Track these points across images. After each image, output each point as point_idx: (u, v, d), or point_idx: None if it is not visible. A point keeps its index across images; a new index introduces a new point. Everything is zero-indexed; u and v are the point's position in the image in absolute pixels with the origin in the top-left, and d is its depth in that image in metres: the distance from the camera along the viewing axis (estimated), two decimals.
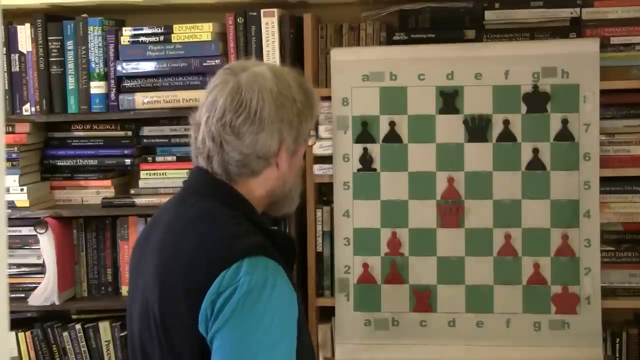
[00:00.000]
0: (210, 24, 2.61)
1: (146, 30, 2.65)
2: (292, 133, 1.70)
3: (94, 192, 2.75)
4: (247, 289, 1.55)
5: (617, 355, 2.59)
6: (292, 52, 2.61)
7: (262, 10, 2.59)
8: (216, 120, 1.66)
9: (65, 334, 2.73)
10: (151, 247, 1.72)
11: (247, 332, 1.55)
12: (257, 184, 1.72)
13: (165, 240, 1.69)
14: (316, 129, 2.54)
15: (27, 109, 2.69)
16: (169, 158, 2.71)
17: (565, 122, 2.51)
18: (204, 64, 2.61)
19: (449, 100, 2.54)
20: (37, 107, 2.68)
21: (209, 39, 2.61)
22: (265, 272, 1.58)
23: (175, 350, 1.63)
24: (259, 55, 2.58)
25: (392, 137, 2.57)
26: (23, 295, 2.69)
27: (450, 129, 2.55)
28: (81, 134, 2.76)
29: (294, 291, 1.64)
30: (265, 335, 1.56)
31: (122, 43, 2.65)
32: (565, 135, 2.52)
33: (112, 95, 2.66)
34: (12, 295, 2.64)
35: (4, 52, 2.66)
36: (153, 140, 2.73)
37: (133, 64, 2.64)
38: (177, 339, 1.62)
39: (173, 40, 2.63)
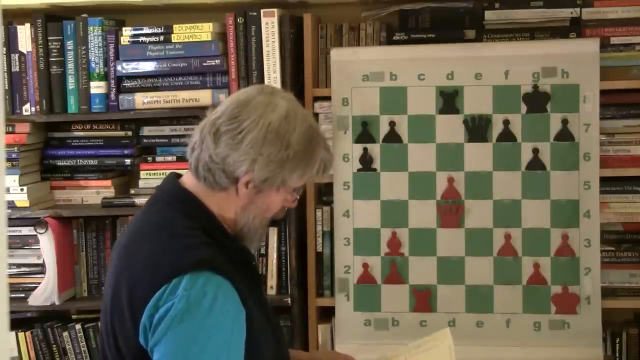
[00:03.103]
0: (210, 24, 2.61)
1: (146, 30, 2.65)
2: (265, 172, 1.65)
3: (94, 192, 2.74)
4: (184, 306, 1.54)
5: (617, 355, 2.59)
6: (292, 52, 2.61)
7: (262, 10, 2.59)
8: (213, 119, 1.68)
9: (65, 334, 2.73)
10: (117, 252, 1.74)
11: (181, 348, 1.54)
12: (224, 202, 1.69)
13: (126, 245, 1.71)
14: (315, 116, 2.50)
15: (27, 109, 2.69)
16: (169, 158, 2.71)
17: (565, 122, 2.51)
18: (204, 64, 2.61)
19: (449, 100, 2.54)
20: (37, 107, 2.68)
21: (209, 39, 2.60)
22: (205, 287, 1.56)
23: (122, 355, 1.64)
24: (259, 56, 2.58)
25: (392, 137, 2.57)
26: (23, 295, 2.69)
27: (450, 129, 2.55)
28: (81, 134, 2.76)
29: (241, 308, 1.60)
30: (200, 353, 1.54)
31: (122, 43, 2.65)
32: (565, 135, 2.52)
33: (112, 95, 2.66)
34: (12, 295, 2.64)
35: (4, 52, 2.66)
36: (153, 140, 2.73)
37: (133, 64, 2.64)
38: (123, 347, 1.63)
39: (173, 40, 2.63)
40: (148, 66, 2.64)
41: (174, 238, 1.64)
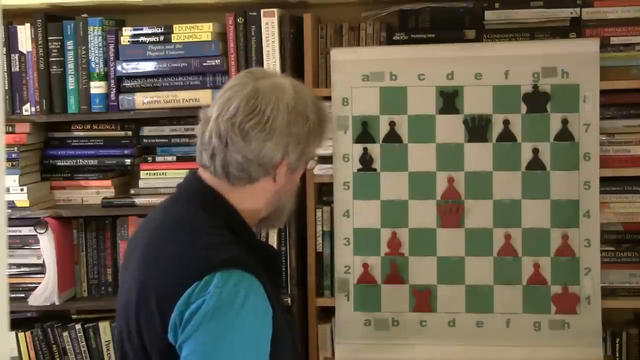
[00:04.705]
0: (210, 24, 2.61)
1: (146, 30, 2.65)
2: (297, 150, 1.68)
3: (94, 192, 2.74)
4: (215, 303, 1.54)
5: (617, 355, 2.59)
6: (292, 52, 2.61)
7: (262, 10, 2.59)
8: (226, 119, 1.64)
9: (65, 334, 2.73)
10: (138, 248, 1.72)
11: (211, 346, 1.54)
12: (252, 194, 1.70)
13: (150, 243, 1.69)
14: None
15: (27, 109, 2.69)
16: (169, 158, 2.71)
17: (565, 122, 2.51)
18: (204, 64, 2.61)
19: (449, 100, 2.54)
20: (37, 107, 2.68)
21: (209, 39, 2.61)
22: (237, 286, 1.56)
23: (147, 353, 1.63)
24: (259, 56, 2.58)
25: (392, 137, 2.57)
26: (23, 295, 2.69)
27: (450, 129, 2.55)
28: (81, 134, 2.76)
29: (269, 307, 1.61)
30: (229, 350, 1.54)
31: (122, 43, 2.65)
32: (565, 135, 2.52)
33: (112, 95, 2.66)
34: (12, 295, 2.64)
35: (4, 52, 2.66)
36: (153, 140, 2.73)
37: (133, 64, 2.64)
38: (149, 343, 1.62)
39: (173, 40, 2.63)
40: (148, 66, 2.64)
41: (202, 236, 1.64)
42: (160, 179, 2.70)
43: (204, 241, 1.63)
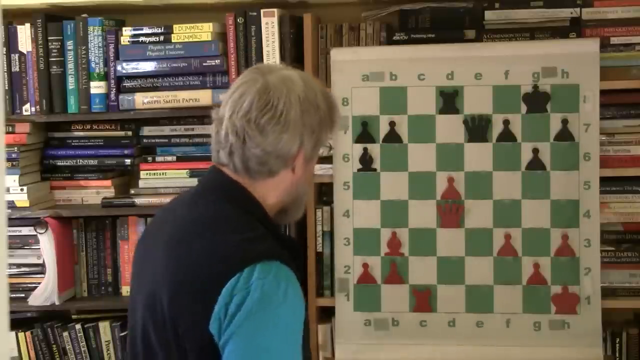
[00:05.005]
0: (210, 24, 2.61)
1: (146, 30, 2.65)
2: (312, 139, 1.71)
3: (94, 192, 2.74)
4: (260, 295, 1.56)
5: (617, 355, 2.59)
6: (292, 52, 2.61)
7: (262, 10, 2.59)
8: (241, 116, 1.66)
9: (65, 334, 2.73)
10: (162, 242, 1.72)
11: (259, 337, 1.56)
12: (273, 187, 1.72)
13: (178, 237, 1.70)
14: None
15: (27, 109, 2.69)
16: (169, 158, 2.71)
17: (565, 122, 2.51)
18: (204, 64, 2.61)
19: (449, 100, 2.55)
20: (37, 107, 2.68)
21: (209, 39, 2.61)
22: (278, 278, 1.59)
23: (181, 345, 1.63)
24: (259, 55, 2.58)
25: (392, 137, 2.57)
26: (23, 295, 2.69)
27: (450, 129, 2.55)
28: (81, 134, 2.76)
29: (303, 298, 1.65)
30: (272, 341, 1.57)
31: (122, 43, 2.65)
32: (565, 135, 2.52)
33: (112, 95, 2.66)
34: (12, 295, 2.64)
35: (4, 52, 2.66)
36: (153, 140, 2.73)
37: (133, 64, 2.64)
38: (185, 336, 1.62)
39: (173, 40, 2.63)
40: (148, 66, 2.64)
41: (239, 229, 1.66)
42: (160, 179, 2.70)
43: (239, 235, 1.65)
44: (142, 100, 2.65)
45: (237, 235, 1.65)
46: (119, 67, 2.65)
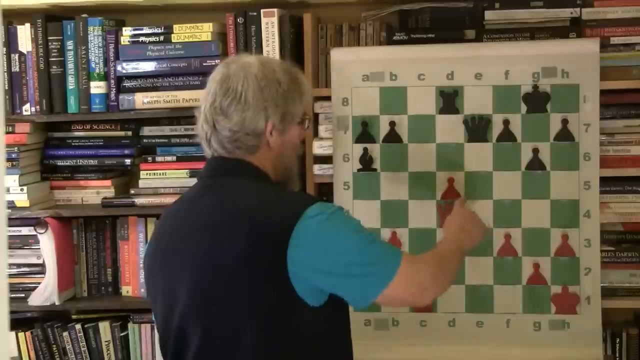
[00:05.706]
0: (210, 24, 2.61)
1: (146, 30, 2.65)
2: (278, 112, 1.85)
3: (94, 192, 2.75)
4: (327, 215, 1.74)
5: (617, 355, 2.59)
6: (292, 52, 2.61)
7: (262, 10, 2.59)
8: (209, 106, 1.86)
9: (65, 334, 2.73)
10: (194, 227, 1.81)
11: (342, 237, 1.77)
12: (260, 163, 1.87)
13: (214, 215, 1.80)
14: (315, 116, 2.58)
15: (27, 109, 2.69)
16: (169, 158, 2.71)
17: (565, 122, 2.51)
18: (204, 64, 2.61)
19: (449, 100, 2.54)
20: (37, 107, 2.68)
21: (209, 39, 2.61)
22: (335, 207, 1.81)
23: (254, 316, 1.74)
24: None
25: (392, 137, 2.57)
26: (23, 295, 2.69)
27: (450, 129, 2.54)
28: (81, 134, 2.76)
29: None
30: (351, 233, 1.79)
31: (122, 43, 2.65)
32: (565, 135, 2.52)
33: (112, 95, 2.66)
34: (12, 295, 2.64)
35: (4, 52, 2.66)
36: (153, 140, 2.74)
37: (133, 64, 2.64)
38: (263, 298, 1.74)
39: (173, 40, 2.63)
40: (148, 66, 2.64)
41: (276, 189, 1.87)
42: (160, 179, 2.70)
43: (282, 196, 1.84)
44: (142, 100, 2.65)
45: (281, 197, 1.82)
46: (119, 67, 2.65)
